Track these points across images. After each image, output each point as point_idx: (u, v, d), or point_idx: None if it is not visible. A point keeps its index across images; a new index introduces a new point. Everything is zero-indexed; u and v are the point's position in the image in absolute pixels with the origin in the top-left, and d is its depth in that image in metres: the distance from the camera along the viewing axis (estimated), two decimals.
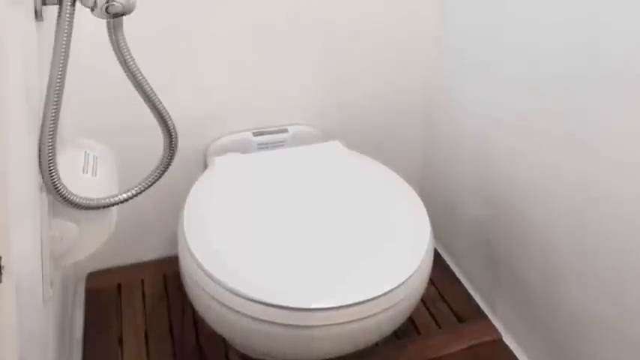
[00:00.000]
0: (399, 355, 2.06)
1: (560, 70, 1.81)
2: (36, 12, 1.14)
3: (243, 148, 2.24)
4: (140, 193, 1.43)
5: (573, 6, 1.73)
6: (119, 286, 2.33)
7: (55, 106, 1.18)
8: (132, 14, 1.23)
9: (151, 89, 1.36)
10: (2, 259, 0.73)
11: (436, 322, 2.23)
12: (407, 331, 2.15)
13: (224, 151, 2.21)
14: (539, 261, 1.97)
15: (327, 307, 1.48)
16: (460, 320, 2.25)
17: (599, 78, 1.67)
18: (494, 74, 2.11)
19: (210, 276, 1.54)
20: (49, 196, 1.27)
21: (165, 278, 2.37)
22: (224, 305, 1.52)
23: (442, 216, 2.48)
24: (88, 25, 1.33)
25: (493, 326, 2.21)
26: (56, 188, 1.23)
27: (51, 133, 1.18)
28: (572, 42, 1.75)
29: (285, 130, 2.33)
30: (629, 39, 1.56)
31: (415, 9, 2.35)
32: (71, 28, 1.16)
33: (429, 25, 2.40)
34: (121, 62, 1.30)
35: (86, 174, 1.45)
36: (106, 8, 1.17)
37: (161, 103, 1.39)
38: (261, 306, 1.48)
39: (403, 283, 1.55)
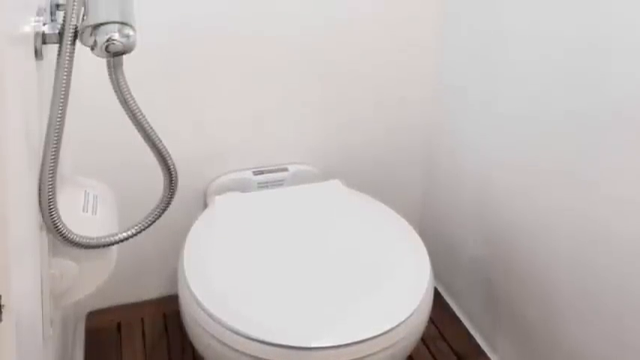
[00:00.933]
0: None
1: (560, 110, 1.81)
2: (36, 51, 1.15)
3: (243, 187, 2.25)
4: (140, 232, 1.43)
5: (573, 45, 1.74)
6: (119, 325, 2.33)
7: (55, 145, 1.18)
8: (132, 54, 1.24)
9: (151, 128, 1.37)
10: (2, 298, 0.73)
11: None
12: None
13: (224, 190, 2.22)
14: (540, 300, 1.97)
15: (327, 346, 1.48)
16: (460, 359, 2.24)
17: (599, 117, 1.68)
18: (494, 113, 2.12)
19: (210, 315, 1.54)
20: (49, 234, 1.27)
21: (165, 317, 2.36)
22: (224, 344, 1.52)
23: (442, 255, 2.48)
24: (88, 64, 1.33)
25: None
26: (56, 227, 1.23)
27: (51, 172, 1.18)
28: (573, 81, 1.76)
29: (285, 169, 2.33)
30: (628, 79, 1.57)
31: (415, 48, 2.37)
32: (71, 67, 1.17)
33: (429, 64, 2.41)
34: (120, 101, 1.30)
35: (86, 213, 1.45)
36: (106, 47, 1.18)
37: (161, 142, 1.40)
38: (261, 345, 1.48)
39: (403, 322, 1.55)
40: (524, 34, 1.94)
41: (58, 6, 1.36)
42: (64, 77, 1.17)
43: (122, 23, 1.19)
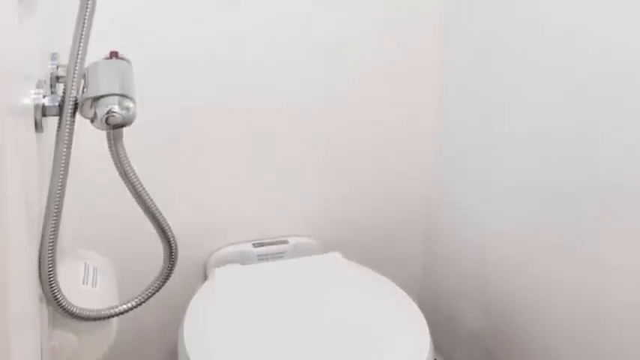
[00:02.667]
0: None
1: (560, 182, 1.82)
2: (36, 123, 1.15)
3: (243, 259, 2.24)
4: (140, 304, 1.42)
5: (573, 119, 1.75)
6: None
7: (55, 217, 1.18)
8: (132, 126, 1.24)
9: (151, 200, 1.37)
10: None
11: None
12: None
13: (224, 262, 2.21)
14: None
15: None
16: None
17: (599, 189, 1.69)
18: (493, 186, 2.12)
19: None
20: (49, 306, 1.26)
21: None
22: None
23: (442, 327, 2.46)
24: (88, 136, 1.34)
25: None
26: (56, 299, 1.22)
27: (51, 244, 1.18)
28: (572, 153, 1.77)
29: (285, 242, 2.33)
30: (628, 152, 1.58)
31: (414, 121, 2.39)
32: (71, 140, 1.17)
33: (428, 137, 2.43)
34: (120, 173, 1.31)
35: (86, 285, 1.44)
36: (106, 119, 1.18)
37: (161, 214, 1.40)
38: None
39: None
40: (523, 107, 1.96)
41: (58, 78, 1.37)
42: (64, 149, 1.17)
43: (122, 95, 1.20)
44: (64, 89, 1.17)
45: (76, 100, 1.17)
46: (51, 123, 1.20)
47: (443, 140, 2.40)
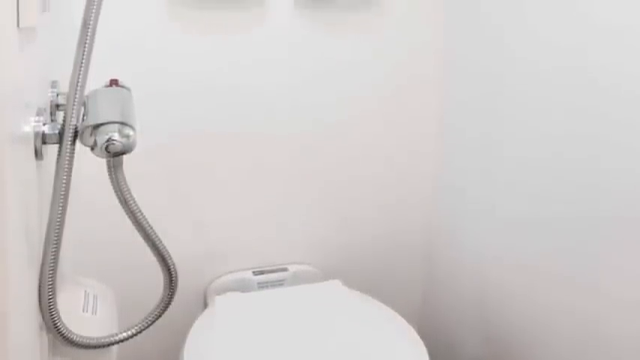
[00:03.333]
0: None
1: (560, 211, 1.82)
2: (36, 151, 1.15)
3: (243, 287, 2.24)
4: (140, 332, 1.42)
5: (573, 146, 1.76)
6: None
7: (55, 245, 1.18)
8: (132, 153, 1.25)
9: (151, 228, 1.37)
10: None
11: None
12: None
13: (224, 289, 2.21)
14: None
15: None
16: None
17: (599, 219, 1.69)
18: (493, 214, 2.12)
19: None
20: (49, 334, 1.26)
21: None
22: None
23: (442, 354, 2.45)
24: (89, 164, 1.34)
25: None
26: (56, 327, 1.22)
27: (51, 272, 1.18)
28: (573, 182, 1.77)
29: (285, 269, 2.33)
30: (629, 180, 1.58)
31: (414, 148, 2.39)
32: (71, 167, 1.17)
33: (428, 164, 2.43)
34: (120, 201, 1.30)
35: (86, 313, 1.44)
36: (106, 147, 1.18)
37: (161, 242, 1.40)
38: None
39: None
40: (523, 136, 1.96)
41: (58, 106, 1.38)
42: (64, 177, 1.17)
43: (122, 123, 1.20)
44: (64, 117, 1.17)
45: (76, 128, 1.17)
46: (51, 150, 1.20)
47: (443, 168, 2.40)
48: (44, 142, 1.16)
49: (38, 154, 1.16)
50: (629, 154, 1.59)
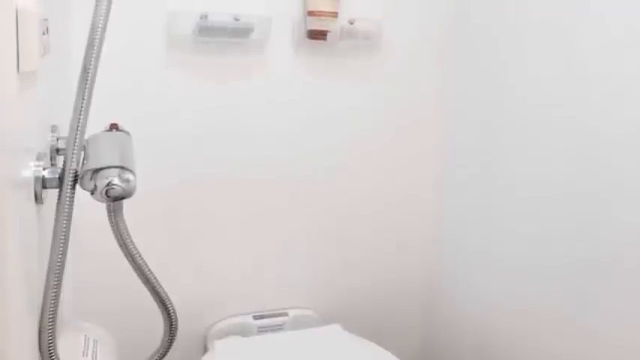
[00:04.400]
0: None
1: (560, 256, 1.82)
2: (36, 195, 1.15)
3: (243, 332, 2.23)
4: None
5: (573, 192, 1.76)
6: None
7: (55, 289, 1.18)
8: (132, 198, 1.25)
9: (151, 273, 1.37)
10: None
11: None
12: None
13: (224, 334, 2.20)
14: None
15: None
16: None
17: (599, 264, 1.69)
18: (493, 258, 2.12)
19: None
20: None
21: None
22: None
23: None
24: (89, 208, 1.34)
25: None
26: None
27: (51, 316, 1.17)
28: (573, 228, 1.77)
29: (285, 314, 2.32)
30: (629, 227, 1.58)
31: (414, 192, 2.40)
32: (71, 212, 1.17)
33: (429, 209, 2.44)
34: (120, 245, 1.30)
35: (86, 357, 1.44)
36: (106, 192, 1.18)
37: (161, 286, 1.39)
38: None
39: None
40: (524, 180, 1.97)
41: (58, 150, 1.38)
42: (64, 222, 1.17)
43: (122, 168, 1.20)
44: (64, 161, 1.17)
45: (76, 173, 1.17)
46: (51, 195, 1.20)
47: (443, 213, 2.41)
48: (44, 187, 1.16)
49: (38, 198, 1.16)
50: (628, 200, 1.60)
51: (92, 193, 1.19)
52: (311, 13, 2.10)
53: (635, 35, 1.57)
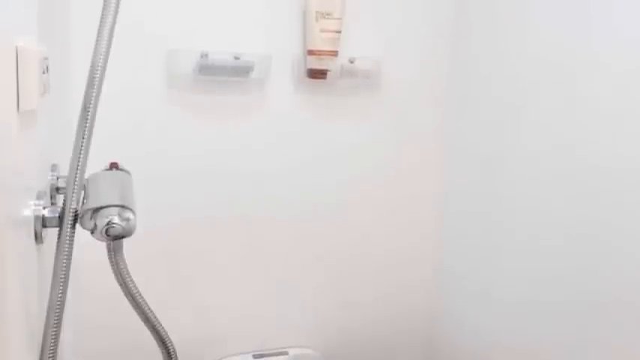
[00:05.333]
0: None
1: (561, 294, 1.82)
2: (36, 234, 1.15)
3: None
4: None
5: (573, 230, 1.76)
6: None
7: (55, 329, 1.17)
8: (132, 237, 1.24)
9: (151, 312, 1.36)
10: None
11: None
12: None
13: None
14: None
15: None
16: None
17: (599, 301, 1.68)
18: (494, 297, 2.11)
19: None
20: None
21: None
22: None
23: None
24: (89, 247, 1.34)
25: None
26: None
27: (51, 355, 1.17)
28: (572, 266, 1.77)
29: (286, 353, 2.30)
30: (628, 264, 1.58)
31: (415, 231, 2.40)
32: (71, 251, 1.17)
33: (429, 248, 2.43)
34: (120, 284, 1.30)
35: None
36: (106, 231, 1.18)
37: (161, 325, 1.39)
38: None
39: None
40: (524, 220, 1.96)
41: (58, 189, 1.38)
42: (64, 261, 1.17)
43: (122, 207, 1.20)
44: (64, 200, 1.17)
45: (76, 212, 1.17)
46: (51, 234, 1.20)
47: (443, 252, 2.40)
48: (44, 226, 1.16)
49: (38, 237, 1.16)
50: (628, 238, 1.59)
51: (92, 232, 1.19)
52: (311, 52, 2.10)
53: (636, 75, 1.57)
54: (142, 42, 1.96)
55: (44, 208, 1.16)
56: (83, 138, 1.15)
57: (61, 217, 1.17)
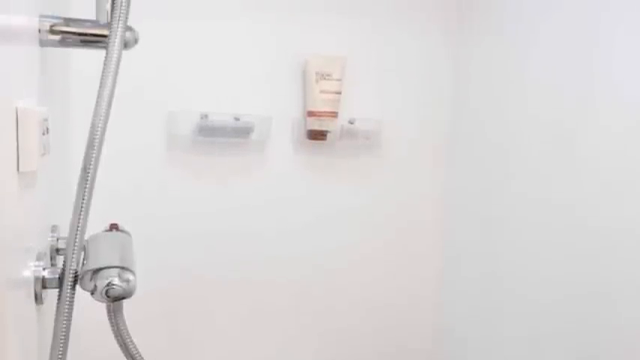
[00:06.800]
0: None
1: (562, 356, 1.81)
2: (36, 296, 1.15)
3: None
4: None
5: (573, 291, 1.76)
6: None
7: None
8: (132, 298, 1.24)
9: None
10: None
11: None
12: None
13: None
14: None
15: None
16: None
17: (599, 343, 1.67)
18: (494, 358, 2.10)
19: None
20: None
21: None
22: None
23: None
24: (89, 309, 1.33)
25: None
26: None
27: None
28: (573, 326, 1.77)
29: None
30: (629, 324, 1.58)
31: (414, 293, 2.40)
32: (71, 312, 1.17)
33: (428, 310, 2.42)
34: (120, 345, 1.29)
35: None
36: (106, 292, 1.18)
37: None
38: None
39: None
40: (524, 280, 1.97)
41: (58, 250, 1.38)
42: (64, 322, 1.17)
43: (122, 268, 1.20)
44: (64, 261, 1.17)
45: (76, 273, 1.17)
46: (51, 295, 1.20)
47: (443, 314, 2.40)
48: (44, 287, 1.16)
49: (38, 298, 1.15)
50: (629, 299, 1.59)
51: (92, 294, 1.19)
52: (311, 114, 2.12)
53: (636, 135, 1.58)
54: (142, 103, 1.98)
55: (44, 269, 1.16)
56: (83, 199, 1.15)
57: (61, 279, 1.17)
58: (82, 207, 1.16)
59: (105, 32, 1.18)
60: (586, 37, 1.74)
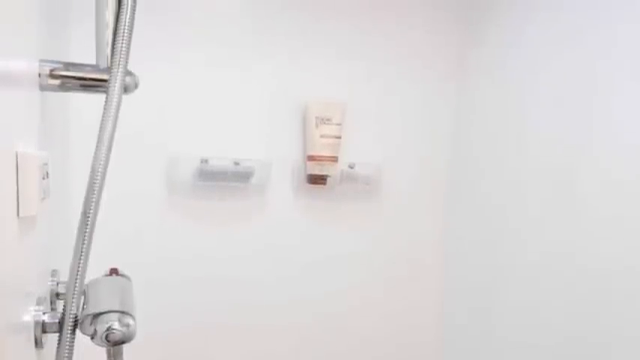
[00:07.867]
0: None
1: None
2: (36, 340, 1.14)
3: None
4: None
5: (573, 334, 1.77)
6: None
7: None
8: (132, 342, 1.23)
9: None
10: None
11: None
12: None
13: None
14: None
15: None
16: None
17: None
18: None
19: None
20: None
21: None
22: None
23: None
24: (89, 353, 1.33)
25: None
26: None
27: None
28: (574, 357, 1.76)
29: None
30: (630, 346, 1.57)
31: (414, 338, 2.40)
32: (71, 356, 1.16)
33: (429, 355, 2.41)
34: None
35: None
36: (106, 336, 1.17)
37: None
38: None
39: None
40: (524, 324, 1.97)
41: (58, 295, 1.37)
42: None
43: (122, 312, 1.20)
44: (64, 306, 1.17)
45: (76, 317, 1.17)
46: (51, 339, 1.20)
47: (443, 343, 2.38)
48: (44, 331, 1.15)
49: (38, 343, 1.15)
50: (628, 343, 1.58)
51: (92, 338, 1.19)
52: (311, 158, 2.12)
53: (635, 178, 1.58)
54: (142, 148, 1.99)
55: (44, 313, 1.16)
56: (83, 243, 1.15)
57: (61, 323, 1.17)
58: (82, 251, 1.16)
59: (105, 77, 1.19)
60: (585, 84, 1.75)
